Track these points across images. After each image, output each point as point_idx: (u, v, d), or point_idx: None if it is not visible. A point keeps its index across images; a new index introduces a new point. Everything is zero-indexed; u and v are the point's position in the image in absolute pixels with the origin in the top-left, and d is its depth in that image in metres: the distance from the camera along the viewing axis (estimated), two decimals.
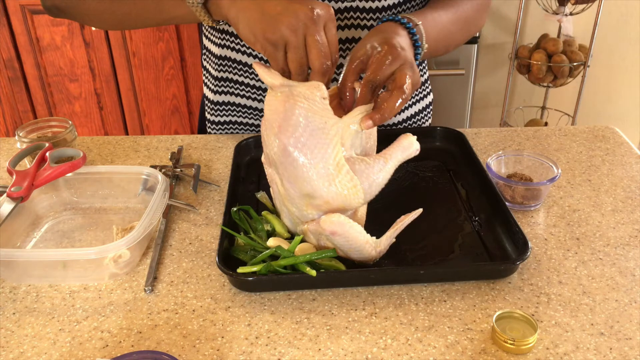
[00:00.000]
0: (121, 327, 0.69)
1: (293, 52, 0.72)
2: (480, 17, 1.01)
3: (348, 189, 0.73)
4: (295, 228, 0.79)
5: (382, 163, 0.75)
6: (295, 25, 0.71)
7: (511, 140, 1.08)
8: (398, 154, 0.77)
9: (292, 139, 0.71)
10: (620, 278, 0.76)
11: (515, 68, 2.39)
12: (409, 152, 0.79)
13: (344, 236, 0.72)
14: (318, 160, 0.71)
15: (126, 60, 2.17)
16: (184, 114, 2.29)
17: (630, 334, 0.67)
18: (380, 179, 0.75)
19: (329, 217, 0.72)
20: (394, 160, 0.77)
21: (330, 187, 0.72)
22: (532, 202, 0.88)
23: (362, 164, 0.74)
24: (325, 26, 0.73)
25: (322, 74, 0.73)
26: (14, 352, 0.66)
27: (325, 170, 0.71)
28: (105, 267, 0.75)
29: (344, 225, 0.72)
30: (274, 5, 0.72)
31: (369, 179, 0.74)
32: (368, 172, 0.74)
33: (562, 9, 2.20)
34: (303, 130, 0.71)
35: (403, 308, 0.71)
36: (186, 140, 1.09)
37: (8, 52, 2.14)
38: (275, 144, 0.72)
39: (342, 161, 0.73)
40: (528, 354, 0.65)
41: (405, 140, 0.78)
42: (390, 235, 0.76)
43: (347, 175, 0.73)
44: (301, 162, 0.71)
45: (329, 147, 0.72)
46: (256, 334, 0.68)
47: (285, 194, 0.75)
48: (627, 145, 1.07)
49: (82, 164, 0.87)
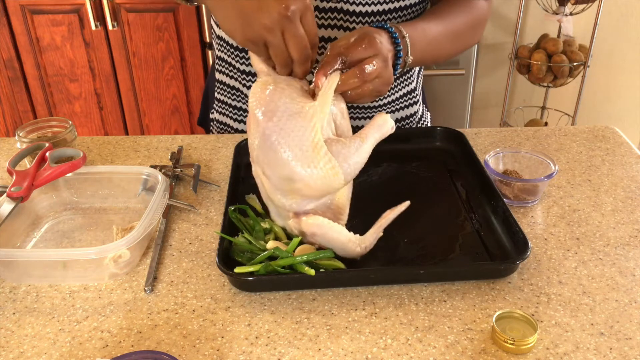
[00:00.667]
0: (121, 327, 0.69)
1: (273, 50, 0.73)
2: (474, 33, 1.01)
3: (327, 170, 0.73)
4: (285, 223, 0.79)
5: (358, 142, 0.76)
6: (271, 24, 0.71)
7: (511, 140, 1.08)
8: (374, 133, 0.78)
9: (271, 124, 0.72)
10: (620, 278, 0.76)
11: (515, 68, 2.39)
12: (384, 130, 0.79)
13: (324, 237, 0.74)
14: (296, 142, 0.72)
15: (126, 60, 2.17)
16: (184, 114, 2.29)
17: (630, 334, 0.67)
18: (358, 159, 0.76)
19: (307, 218, 0.74)
20: (370, 139, 0.77)
21: (309, 168, 0.72)
22: (530, 197, 0.89)
23: (339, 144, 0.75)
24: (303, 17, 0.73)
25: (303, 63, 0.74)
26: (14, 352, 0.66)
27: (302, 152, 0.72)
28: (105, 267, 0.75)
29: (322, 227, 0.73)
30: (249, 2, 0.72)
31: (347, 159, 0.74)
32: (345, 152, 0.74)
33: (562, 9, 2.20)
34: (281, 114, 0.72)
35: (403, 308, 0.71)
36: (186, 140, 1.09)
37: (8, 52, 2.14)
38: (256, 132, 0.74)
39: (320, 142, 0.73)
40: (528, 354, 0.65)
41: (379, 118, 0.79)
42: (375, 231, 0.77)
43: (325, 157, 0.73)
44: (279, 145, 0.72)
45: (307, 130, 0.73)
46: (256, 334, 0.68)
47: (268, 185, 0.76)
48: (627, 145, 1.07)
49: (82, 164, 0.87)
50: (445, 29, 0.93)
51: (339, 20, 0.97)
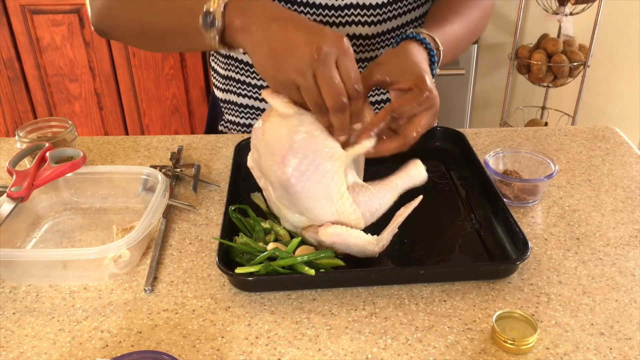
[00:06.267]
0: (121, 327, 0.69)
1: (305, 93, 0.68)
2: (485, 23, 1.01)
3: (350, 219, 0.73)
4: (295, 230, 0.79)
5: (386, 192, 0.76)
6: (302, 67, 0.66)
7: (511, 140, 1.08)
8: (404, 183, 0.77)
9: (297, 173, 0.70)
10: (620, 278, 0.76)
11: (515, 68, 2.39)
12: (415, 181, 0.78)
13: (344, 244, 0.73)
14: (322, 193, 0.71)
15: (126, 60, 2.17)
16: (184, 114, 2.29)
17: (630, 334, 0.67)
18: (382, 208, 0.76)
19: (325, 229, 0.72)
20: (399, 189, 0.77)
21: (332, 216, 0.73)
22: (530, 197, 0.89)
23: (367, 194, 0.74)
24: (338, 60, 0.67)
25: (338, 111, 0.68)
26: (14, 352, 0.66)
27: (328, 202, 0.72)
28: (105, 267, 0.75)
29: (341, 235, 0.72)
30: (281, 42, 0.68)
31: (372, 209, 0.75)
32: (371, 202, 0.74)
33: (562, 9, 2.20)
34: (309, 163, 0.70)
35: (403, 308, 0.71)
36: (186, 140, 1.09)
37: (8, 52, 2.14)
38: (276, 173, 0.71)
39: (345, 194, 0.72)
40: (528, 354, 0.65)
41: (413, 168, 0.78)
42: (391, 229, 0.77)
43: (350, 208, 0.73)
44: (304, 194, 0.71)
45: (333, 180, 0.72)
46: (256, 334, 0.68)
47: (280, 204, 0.76)
48: (627, 145, 1.07)
49: (82, 164, 0.87)
50: (466, 27, 0.93)
51: (355, 16, 0.96)
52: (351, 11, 0.96)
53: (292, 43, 0.67)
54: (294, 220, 0.76)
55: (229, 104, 1.12)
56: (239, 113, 1.11)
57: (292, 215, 0.76)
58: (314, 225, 0.75)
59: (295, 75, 0.67)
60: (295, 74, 0.67)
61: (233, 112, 1.12)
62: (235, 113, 1.12)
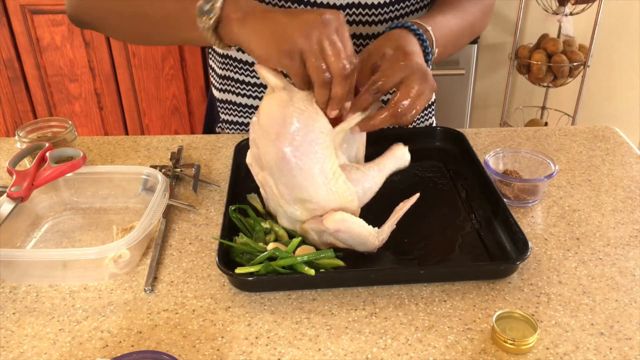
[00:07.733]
0: (121, 327, 0.69)
1: (310, 59, 0.69)
2: (485, 20, 1.02)
3: (344, 197, 0.74)
4: (294, 227, 0.79)
5: (375, 171, 0.79)
6: (307, 30, 0.68)
7: (511, 140, 1.08)
8: (391, 164, 0.81)
9: (291, 148, 0.71)
10: (620, 278, 0.76)
11: (515, 68, 2.39)
12: (401, 162, 0.83)
13: (348, 232, 0.74)
14: (317, 169, 0.72)
15: (126, 60, 2.17)
16: (184, 114, 2.29)
17: (630, 334, 0.67)
18: (374, 187, 0.79)
19: (331, 215, 0.73)
20: (386, 169, 0.81)
21: (327, 195, 0.73)
22: (530, 197, 0.89)
23: (358, 172, 0.77)
24: (337, 31, 0.70)
25: (344, 78, 0.69)
26: (14, 352, 0.66)
27: (322, 179, 0.73)
28: (105, 267, 0.75)
29: (346, 222, 0.73)
30: (283, 18, 0.71)
31: (364, 187, 0.77)
32: (363, 180, 0.77)
33: (562, 9, 2.20)
34: (302, 139, 0.71)
35: (403, 308, 0.71)
36: (186, 140, 1.09)
37: (8, 52, 2.14)
38: (272, 151, 0.72)
39: (338, 170, 0.74)
40: (528, 354, 0.65)
41: (398, 150, 0.83)
42: (391, 223, 0.78)
43: (344, 185, 0.74)
44: (299, 170, 0.72)
45: (326, 156, 0.73)
46: (256, 334, 0.68)
47: (280, 194, 0.76)
48: (627, 145, 1.07)
49: (82, 164, 0.87)
50: (463, 20, 0.93)
51: (357, 16, 0.97)
52: (352, 10, 0.96)
53: (294, 14, 0.71)
54: (292, 213, 0.76)
55: (227, 104, 1.12)
56: (237, 112, 1.11)
57: (290, 207, 0.75)
58: (316, 216, 0.75)
59: (301, 39, 0.68)
60: (301, 38, 0.68)
61: (231, 111, 1.12)
62: (233, 113, 1.12)
